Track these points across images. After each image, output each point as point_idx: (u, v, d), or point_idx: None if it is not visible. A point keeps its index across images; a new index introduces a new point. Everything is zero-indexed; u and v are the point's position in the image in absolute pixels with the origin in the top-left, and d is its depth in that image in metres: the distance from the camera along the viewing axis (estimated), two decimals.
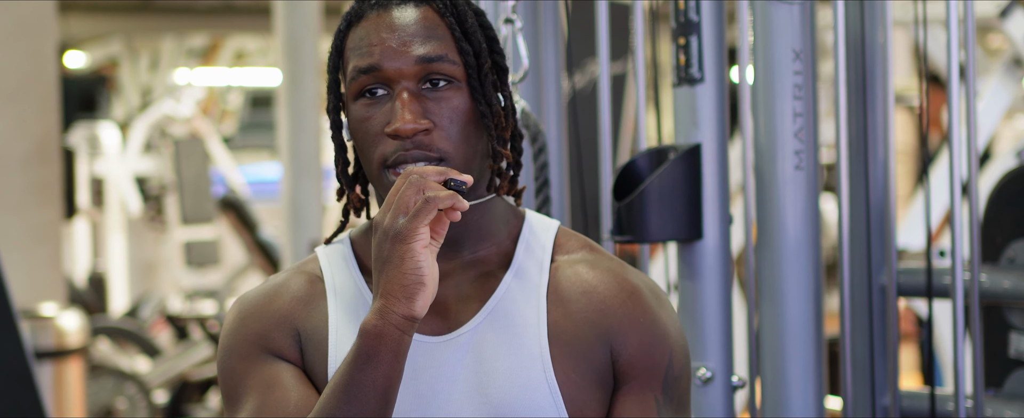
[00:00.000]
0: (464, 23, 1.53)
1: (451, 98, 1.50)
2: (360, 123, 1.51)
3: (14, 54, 5.24)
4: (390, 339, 1.41)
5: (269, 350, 1.54)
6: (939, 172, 4.10)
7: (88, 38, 11.48)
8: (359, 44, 1.51)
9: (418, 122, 1.48)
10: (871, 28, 2.36)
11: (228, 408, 1.55)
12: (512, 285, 1.54)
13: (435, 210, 1.39)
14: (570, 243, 1.58)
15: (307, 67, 5.95)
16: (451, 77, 1.50)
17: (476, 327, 1.52)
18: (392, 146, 1.49)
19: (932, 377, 2.53)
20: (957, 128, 2.21)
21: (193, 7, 11.33)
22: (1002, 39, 8.67)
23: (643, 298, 1.54)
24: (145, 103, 10.84)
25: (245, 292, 1.60)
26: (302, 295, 1.57)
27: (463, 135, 1.50)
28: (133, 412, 6.20)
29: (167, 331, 7.78)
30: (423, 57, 1.49)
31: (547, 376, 1.49)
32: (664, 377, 1.52)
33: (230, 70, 11.88)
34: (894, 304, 2.34)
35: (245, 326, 1.56)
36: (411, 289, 1.40)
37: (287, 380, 1.52)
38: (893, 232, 2.32)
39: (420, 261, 1.39)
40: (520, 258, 1.55)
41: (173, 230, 9.20)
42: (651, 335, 1.52)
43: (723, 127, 2.25)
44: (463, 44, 1.51)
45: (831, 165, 4.64)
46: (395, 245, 1.40)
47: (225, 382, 1.55)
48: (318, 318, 1.55)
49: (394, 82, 1.49)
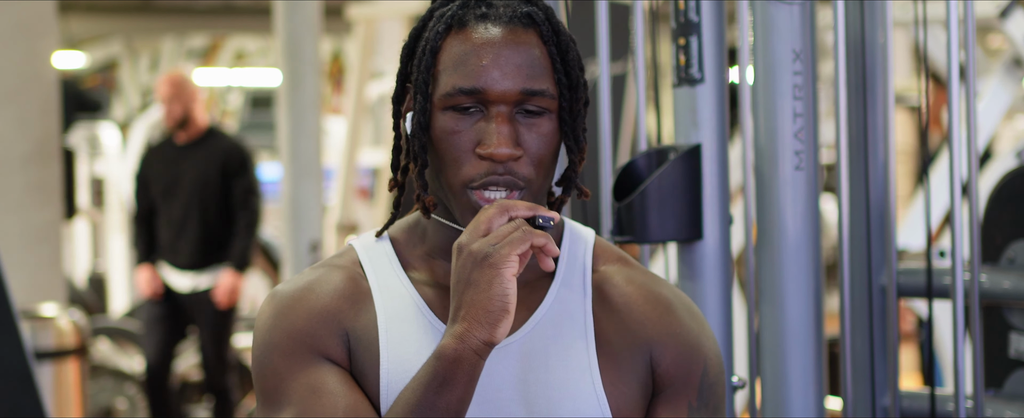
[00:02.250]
0: (566, 55, 1.51)
1: (542, 127, 1.49)
2: (447, 135, 1.49)
3: (14, 54, 5.24)
4: (467, 364, 1.40)
5: (314, 349, 1.49)
6: (939, 172, 4.10)
7: (88, 38, 11.48)
8: (461, 59, 1.49)
9: (514, 149, 1.47)
10: (871, 28, 2.36)
11: (266, 409, 1.49)
12: (559, 294, 1.54)
13: (528, 244, 1.39)
14: (606, 254, 1.59)
15: (307, 67, 5.94)
16: (545, 109, 1.49)
17: (526, 336, 1.51)
18: (481, 168, 1.48)
19: (932, 377, 2.53)
20: (957, 128, 2.21)
21: (193, 7, 11.33)
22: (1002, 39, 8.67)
23: (677, 312, 1.55)
24: (145, 103, 10.84)
25: (277, 288, 1.55)
26: (347, 292, 1.53)
27: (545, 164, 1.50)
28: (133, 412, 6.19)
29: None
30: (526, 90, 1.48)
31: (595, 386, 1.50)
32: (699, 384, 1.54)
33: (230, 70, 11.88)
34: (894, 304, 2.34)
35: (287, 321, 1.51)
36: (496, 315, 1.39)
37: (334, 385, 1.48)
38: (893, 232, 2.31)
39: (507, 288, 1.38)
40: (565, 268, 1.56)
41: None
42: (687, 347, 1.54)
43: (723, 127, 2.25)
44: (561, 77, 1.50)
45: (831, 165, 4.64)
46: (484, 269, 1.38)
47: (264, 380, 1.49)
48: (367, 318, 1.52)
49: (491, 104, 1.48)
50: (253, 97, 12.09)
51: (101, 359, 6.39)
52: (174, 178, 5.70)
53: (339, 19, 8.19)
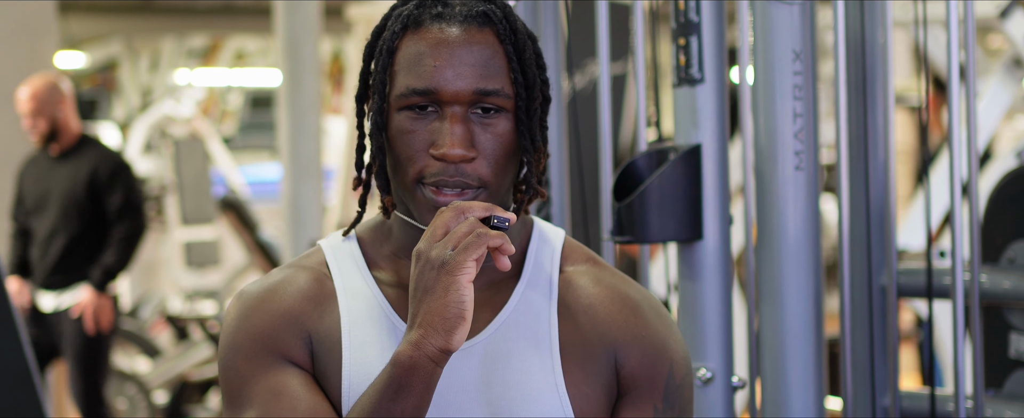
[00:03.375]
0: (522, 53, 1.51)
1: (497, 126, 1.49)
2: (402, 135, 1.48)
3: (14, 54, 5.24)
4: (423, 371, 1.39)
5: (276, 352, 1.50)
6: (939, 172, 4.10)
7: (88, 38, 11.48)
8: (416, 60, 1.48)
9: (467, 150, 1.46)
10: (871, 28, 2.36)
11: (229, 409, 1.50)
12: (524, 297, 1.53)
13: (483, 247, 1.38)
14: (575, 255, 1.58)
15: (307, 67, 5.95)
16: (501, 108, 1.49)
17: (490, 337, 1.51)
18: (434, 167, 1.47)
19: (932, 377, 2.53)
20: (957, 128, 2.21)
21: (193, 7, 11.33)
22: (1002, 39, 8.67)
23: (644, 314, 1.55)
24: (145, 103, 10.84)
25: (245, 287, 1.55)
26: (311, 293, 1.53)
27: (502, 164, 1.49)
28: (133, 412, 6.19)
29: (167, 331, 7.78)
30: (479, 90, 1.47)
31: (558, 387, 1.49)
32: (665, 387, 1.53)
33: (230, 70, 11.89)
34: (894, 304, 2.34)
35: (250, 323, 1.51)
36: (452, 322, 1.38)
37: (295, 387, 1.48)
38: (893, 232, 2.31)
39: (464, 295, 1.37)
40: (530, 269, 1.55)
41: (173, 230, 9.19)
42: (653, 349, 1.53)
43: (723, 127, 2.25)
44: (518, 76, 1.49)
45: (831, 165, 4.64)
46: (441, 276, 1.38)
47: (227, 382, 1.50)
48: (330, 320, 1.52)
49: (446, 104, 1.47)
50: (253, 97, 12.10)
51: None
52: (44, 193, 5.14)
53: (339, 19, 8.19)
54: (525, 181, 1.54)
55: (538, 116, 1.52)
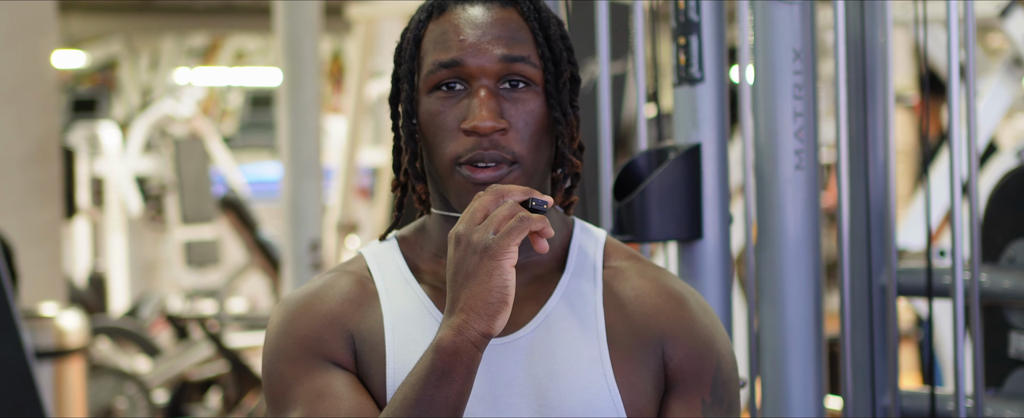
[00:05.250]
0: (547, 29, 1.51)
1: (528, 101, 1.49)
2: (433, 116, 1.49)
3: (14, 54, 5.24)
4: (466, 356, 1.38)
5: (320, 354, 1.50)
6: (939, 172, 4.10)
7: (88, 38, 11.48)
8: (441, 38, 1.49)
9: (497, 121, 1.46)
10: (871, 28, 2.36)
11: (273, 411, 1.50)
12: (568, 289, 1.53)
13: (527, 231, 1.37)
14: (617, 252, 1.58)
15: (307, 67, 5.94)
16: (530, 80, 1.49)
17: (535, 329, 1.50)
18: (467, 144, 1.47)
19: (932, 377, 2.53)
20: (957, 128, 2.21)
21: (193, 7, 11.33)
22: (1002, 39, 8.67)
23: (690, 307, 1.54)
24: (145, 103, 10.84)
25: (289, 294, 1.56)
26: (353, 296, 1.53)
27: (535, 140, 1.49)
28: (133, 412, 6.20)
29: (167, 331, 7.78)
30: (506, 56, 1.48)
31: (607, 377, 1.48)
32: (712, 380, 1.52)
33: (230, 70, 11.88)
34: (894, 304, 2.34)
35: (293, 328, 1.51)
36: (495, 306, 1.37)
37: (338, 388, 1.48)
38: (893, 232, 2.31)
39: (507, 279, 1.37)
40: (573, 263, 1.55)
41: (173, 230, 9.20)
42: (700, 342, 1.53)
43: (723, 127, 2.25)
44: (544, 50, 1.50)
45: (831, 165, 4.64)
46: (483, 260, 1.37)
47: (271, 386, 1.50)
48: (372, 320, 1.52)
49: (474, 79, 1.48)
50: (253, 97, 12.09)
51: (101, 359, 6.40)
52: None
53: (339, 19, 8.18)
54: (559, 156, 1.54)
55: (568, 90, 1.52)
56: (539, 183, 1.52)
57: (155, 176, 9.54)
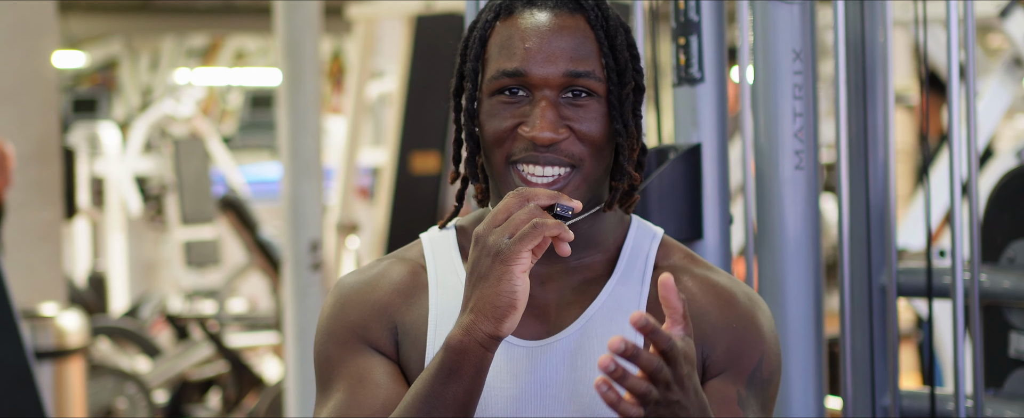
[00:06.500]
0: (614, 39, 1.51)
1: (590, 110, 1.49)
2: (492, 118, 1.50)
3: (14, 54, 5.24)
4: (473, 355, 1.40)
5: (365, 341, 1.54)
6: (939, 172, 4.10)
7: (88, 38, 11.47)
8: (507, 43, 1.50)
9: (556, 132, 1.47)
10: (871, 28, 2.36)
11: (319, 391, 1.55)
12: (614, 293, 1.53)
13: (541, 237, 1.38)
14: (672, 253, 1.58)
15: (307, 67, 5.93)
16: (593, 91, 1.49)
17: (575, 332, 1.51)
18: (523, 143, 1.48)
19: (932, 377, 2.53)
20: (957, 128, 2.21)
21: (193, 7, 11.33)
22: (1002, 39, 8.67)
23: (739, 305, 1.53)
24: (145, 103, 10.84)
25: (343, 277, 1.59)
26: (403, 286, 1.56)
27: (595, 148, 1.50)
28: (133, 412, 6.20)
29: (167, 331, 7.78)
30: (570, 72, 1.48)
31: None
32: (750, 374, 1.51)
33: (230, 70, 11.88)
34: (894, 304, 2.34)
35: (344, 312, 1.56)
36: (502, 310, 1.39)
37: (379, 376, 1.52)
38: (893, 232, 2.31)
39: (516, 284, 1.38)
40: (623, 266, 1.55)
41: (173, 230, 9.20)
42: (743, 339, 1.52)
43: (723, 127, 2.25)
44: (609, 61, 1.50)
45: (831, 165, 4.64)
46: (495, 264, 1.39)
47: (320, 366, 1.55)
48: (418, 312, 1.55)
49: (536, 88, 1.48)
50: (253, 97, 12.09)
51: (101, 359, 6.40)
52: None
53: (339, 19, 8.18)
54: (617, 167, 1.54)
55: (631, 102, 1.52)
56: (597, 190, 1.53)
57: (155, 176, 9.54)
